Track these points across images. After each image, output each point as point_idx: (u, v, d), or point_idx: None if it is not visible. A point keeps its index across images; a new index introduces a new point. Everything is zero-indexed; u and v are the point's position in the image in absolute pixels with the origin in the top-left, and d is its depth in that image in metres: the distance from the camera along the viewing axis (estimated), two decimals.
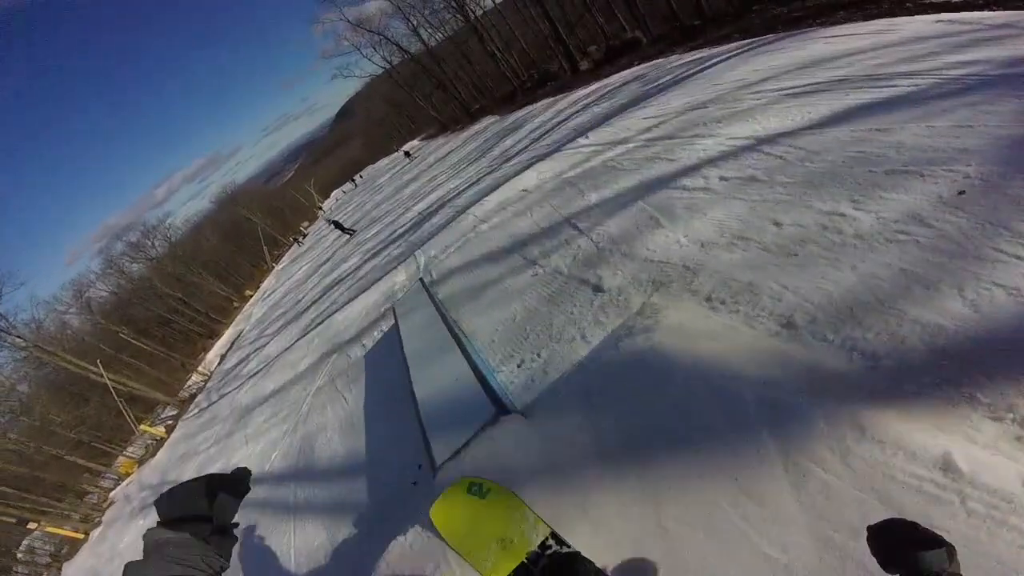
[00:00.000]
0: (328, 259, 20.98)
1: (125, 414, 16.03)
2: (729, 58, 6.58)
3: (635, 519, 1.91)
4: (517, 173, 8.16)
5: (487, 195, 8.34)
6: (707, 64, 6.95)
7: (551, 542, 1.81)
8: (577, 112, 9.82)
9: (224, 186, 54.60)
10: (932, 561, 0.80)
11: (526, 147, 10.49)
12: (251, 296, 34.02)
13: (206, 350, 27.56)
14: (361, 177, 56.07)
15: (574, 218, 4.65)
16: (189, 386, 21.78)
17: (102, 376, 17.17)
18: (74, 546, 12.14)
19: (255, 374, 12.24)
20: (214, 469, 7.33)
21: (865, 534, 0.93)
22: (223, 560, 0.94)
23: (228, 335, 27.82)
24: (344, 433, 4.55)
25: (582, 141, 7.04)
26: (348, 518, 3.45)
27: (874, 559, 0.90)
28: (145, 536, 0.88)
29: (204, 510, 0.93)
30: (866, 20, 5.85)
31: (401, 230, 13.40)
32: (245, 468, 1.05)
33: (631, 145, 5.48)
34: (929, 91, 3.41)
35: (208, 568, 0.88)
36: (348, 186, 56.70)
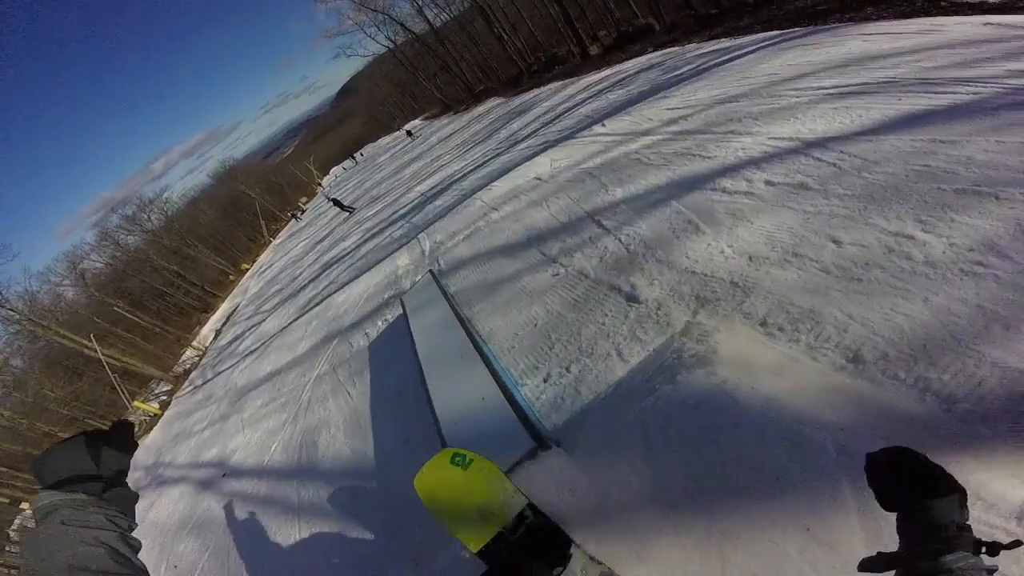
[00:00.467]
0: (326, 236, 20.59)
1: (119, 390, 15.76)
2: (756, 50, 6.22)
3: (697, 567, 1.72)
4: (528, 159, 7.86)
5: (495, 180, 8.05)
6: (731, 55, 6.60)
7: (528, 512, 1.86)
8: (590, 98, 9.46)
9: (223, 161, 53.92)
10: (943, 511, 0.67)
11: (535, 131, 10.14)
12: (247, 270, 33.58)
13: (201, 324, 27.22)
14: (362, 155, 55.22)
15: (598, 214, 4.34)
16: (183, 361, 21.47)
17: (96, 351, 16.85)
18: None
19: (251, 353, 12.00)
20: (210, 454, 7.15)
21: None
22: (129, 519, 0.86)
23: (224, 309, 27.47)
24: (350, 433, 4.28)
25: (598, 129, 6.73)
26: (358, 530, 3.21)
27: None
28: (33, 504, 0.77)
29: (90, 467, 0.83)
30: (899, 18, 5.55)
31: (403, 211, 13.07)
32: (126, 420, 0.99)
33: (656, 137, 5.14)
34: (993, 101, 3.09)
35: (116, 527, 0.80)
36: (348, 163, 55.86)
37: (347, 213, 20.94)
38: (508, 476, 1.99)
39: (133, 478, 9.95)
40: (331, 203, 22.33)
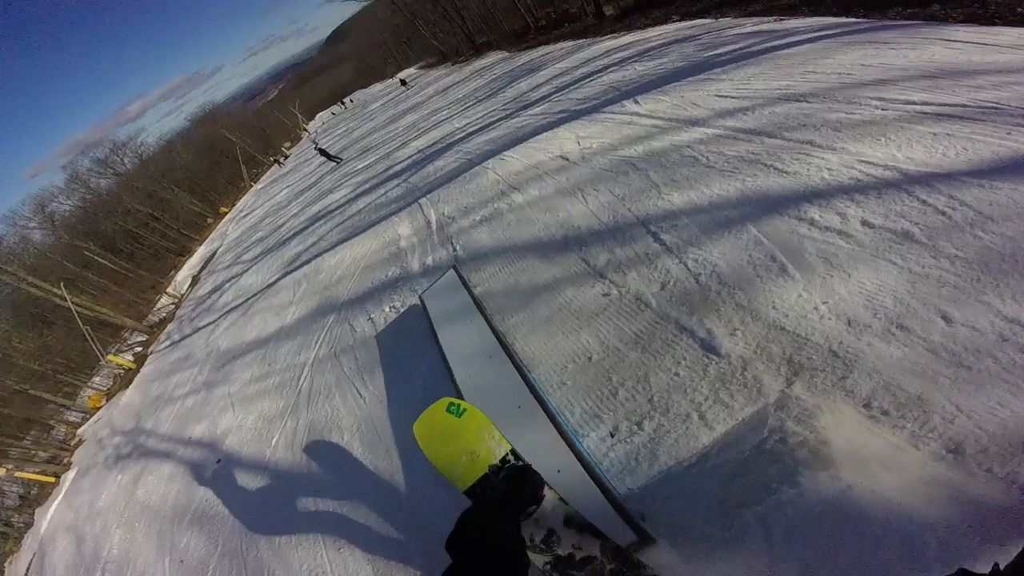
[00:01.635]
0: (312, 185, 19.57)
1: (91, 342, 15.00)
2: (813, 39, 5.51)
3: None
4: (546, 129, 7.19)
5: (508, 149, 7.40)
6: (782, 40, 5.91)
7: (510, 457, 2.12)
8: (611, 66, 8.70)
9: (202, 104, 50.96)
10: None
11: (548, 96, 9.39)
12: (226, 213, 32.17)
13: (177, 268, 26.08)
14: (352, 101, 52.53)
15: (652, 224, 3.72)
16: (158, 309, 20.58)
17: (65, 300, 15.95)
18: (44, 489, 11.28)
19: (232, 310, 11.34)
20: (197, 430, 6.58)
21: None
22: None
23: (200, 253, 26.35)
24: (368, 446, 3.71)
25: (631, 107, 6.09)
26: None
27: None
28: None
29: None
30: (972, 22, 4.98)
31: (398, 167, 12.30)
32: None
33: (710, 131, 4.47)
34: None
35: None
36: (337, 108, 53.38)
37: (334, 163, 19.95)
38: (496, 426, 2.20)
39: (113, 444, 9.44)
40: (317, 151, 21.18)
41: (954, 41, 4.43)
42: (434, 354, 3.71)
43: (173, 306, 19.55)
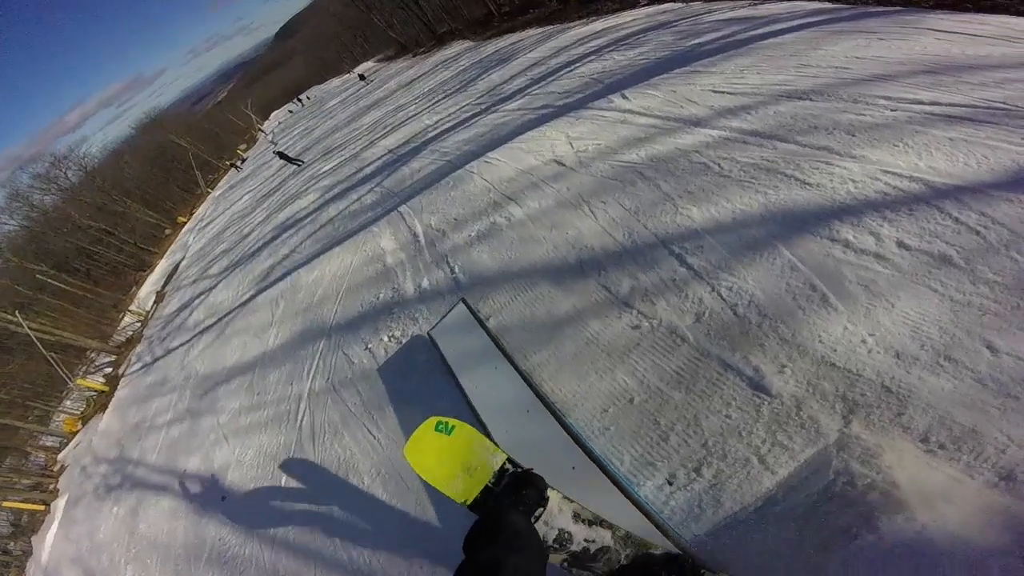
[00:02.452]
0: (275, 190, 18.73)
1: (56, 367, 14.18)
2: (798, 28, 5.34)
3: None
4: (530, 128, 6.86)
5: (492, 151, 7.07)
6: (764, 27, 5.70)
7: (508, 465, 2.11)
8: (588, 56, 8.41)
9: (147, 111, 48.37)
10: None
11: (525, 89, 9.04)
12: (185, 223, 30.75)
13: (138, 284, 24.87)
14: (308, 98, 50.70)
15: (675, 244, 3.44)
16: (123, 328, 19.56)
17: (22, 326, 15.02)
18: (35, 517, 10.58)
19: (206, 330, 10.74)
20: (191, 464, 6.12)
21: None
22: None
23: (162, 268, 25.10)
24: (393, 492, 3.34)
25: (621, 103, 5.82)
26: None
27: None
28: None
29: None
30: (940, 7, 4.92)
31: (368, 169, 11.79)
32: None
33: (716, 133, 4.23)
34: None
35: None
36: (293, 106, 51.49)
37: (296, 166, 19.23)
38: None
39: (100, 473, 8.83)
40: (276, 155, 20.35)
41: (941, 31, 4.34)
42: (453, 394, 3.41)
43: (139, 324, 18.56)
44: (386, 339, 4.82)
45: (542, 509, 1.92)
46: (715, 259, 3.19)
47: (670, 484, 2.34)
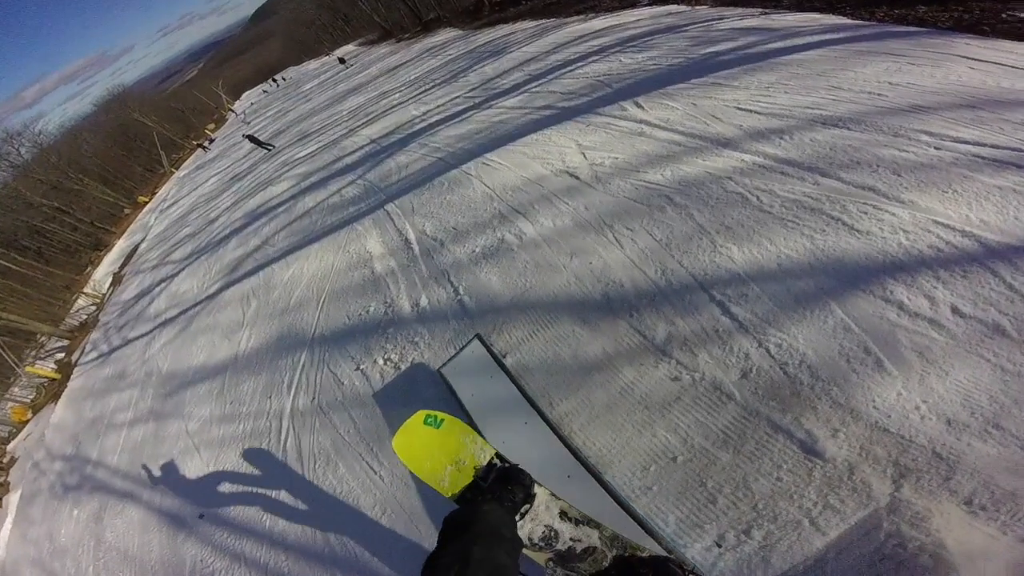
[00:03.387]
0: (246, 173, 17.71)
1: (4, 354, 13.10)
2: (819, 44, 5.05)
3: None
4: (534, 129, 6.42)
5: (491, 152, 6.60)
6: (786, 42, 5.39)
7: (496, 460, 2.04)
8: (591, 56, 8.00)
9: (110, 88, 45.71)
10: None
11: (523, 85, 8.55)
12: (146, 203, 29.13)
13: (94, 264, 23.46)
14: (284, 79, 48.82)
15: (716, 289, 3.10)
16: (77, 311, 18.30)
17: None
18: None
19: (169, 322, 9.93)
20: (159, 473, 5.54)
21: None
22: None
23: (120, 248, 23.64)
24: (403, 531, 2.98)
25: (635, 112, 5.43)
26: None
27: None
28: None
29: None
30: (958, 29, 4.70)
31: (349, 159, 11.13)
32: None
33: (747, 158, 3.89)
34: None
35: None
36: (268, 86, 49.48)
37: (265, 151, 18.31)
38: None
39: (55, 471, 7.81)
40: (245, 138, 19.31)
41: (973, 60, 4.12)
42: None
43: (94, 307, 17.42)
44: (381, 362, 4.34)
45: (528, 506, 1.89)
46: (761, 311, 2.88)
47: (719, 546, 2.21)
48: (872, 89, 4.16)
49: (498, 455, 2.08)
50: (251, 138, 18.13)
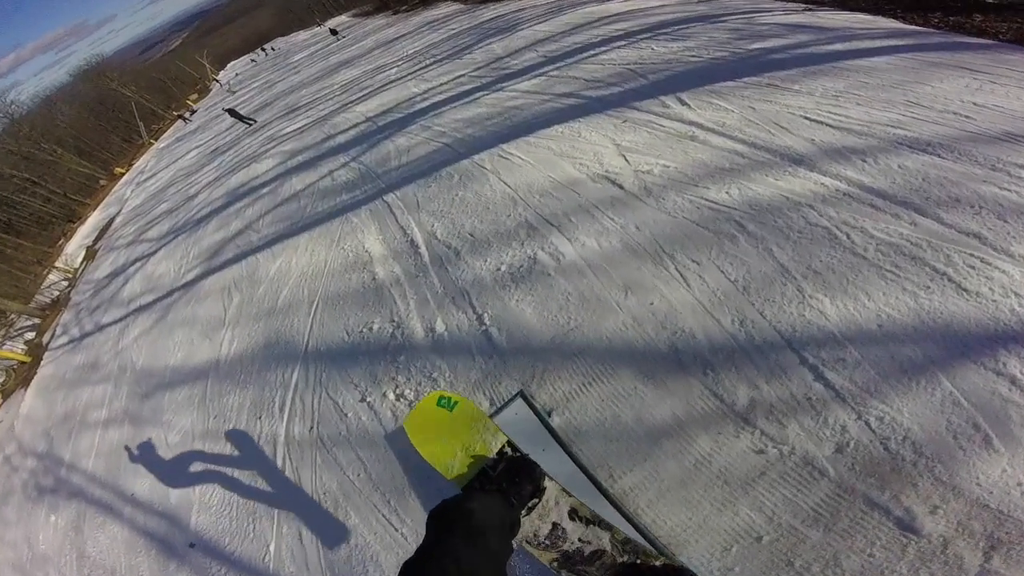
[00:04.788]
0: (228, 147, 16.54)
1: None
2: (884, 51, 4.50)
3: None
4: (558, 119, 5.66)
5: (508, 142, 5.82)
6: (845, 45, 4.76)
7: (507, 448, 2.05)
8: (616, 40, 7.19)
9: (87, 58, 43.35)
10: None
11: (538, 68, 7.68)
12: (123, 174, 27.70)
13: (67, 236, 22.31)
14: (273, 49, 46.69)
15: (808, 350, 2.54)
16: (48, 287, 17.22)
17: None
18: None
19: (143, 309, 9.06)
20: (140, 487, 4.98)
21: None
22: None
23: (94, 220, 22.34)
24: None
25: (680, 110, 4.67)
26: None
27: None
28: None
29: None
30: (1018, 41, 4.18)
31: (342, 138, 10.25)
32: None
33: (829, 182, 3.30)
34: None
35: None
36: (258, 55, 47.41)
37: (247, 125, 17.21)
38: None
39: (28, 468, 7.07)
40: (226, 112, 18.11)
41: None
42: None
43: (66, 283, 16.41)
44: (392, 396, 3.67)
45: (536, 500, 1.82)
46: (861, 380, 2.38)
47: None
48: (956, 109, 3.57)
49: (510, 443, 2.01)
50: (232, 111, 16.92)
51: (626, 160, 4.29)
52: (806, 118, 3.92)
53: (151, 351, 7.32)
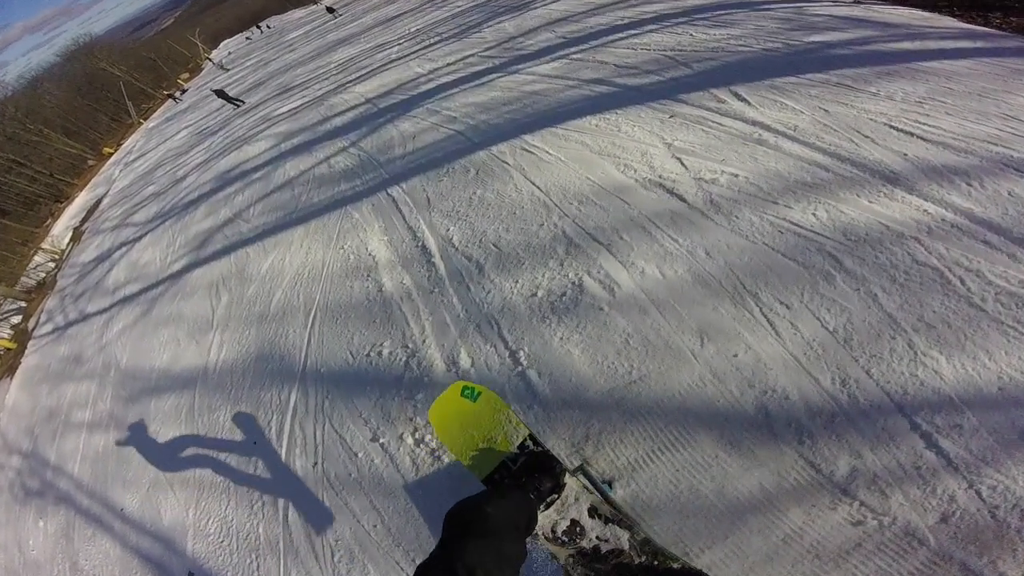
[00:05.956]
0: (219, 128, 15.48)
1: None
2: (961, 55, 3.92)
3: None
4: (589, 109, 4.94)
5: (531, 133, 5.08)
6: (913, 44, 4.22)
7: (528, 443, 1.96)
8: (646, 23, 6.39)
9: (76, 37, 41.71)
10: None
11: (558, 50, 6.87)
12: (111, 154, 26.64)
13: (54, 216, 21.43)
14: (269, 27, 44.93)
15: (919, 414, 2.09)
16: (35, 268, 16.44)
17: None
18: None
19: (128, 300, 8.31)
20: (129, 502, 4.48)
21: None
22: None
23: (82, 201, 21.44)
24: None
25: (739, 106, 3.96)
26: None
27: None
28: None
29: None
30: None
31: (339, 121, 9.45)
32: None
33: (933, 209, 2.74)
34: None
35: None
36: (253, 33, 45.60)
37: (235, 107, 16.26)
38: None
39: (14, 466, 6.58)
40: (214, 93, 17.11)
41: None
42: None
43: (52, 264, 15.70)
44: (410, 440, 3.07)
45: (556, 496, 1.78)
46: (978, 448, 2.00)
47: None
48: None
49: (531, 437, 1.94)
50: (219, 92, 15.91)
51: (682, 164, 3.62)
52: (891, 127, 3.32)
53: (136, 349, 6.72)
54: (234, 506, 3.67)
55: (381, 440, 3.20)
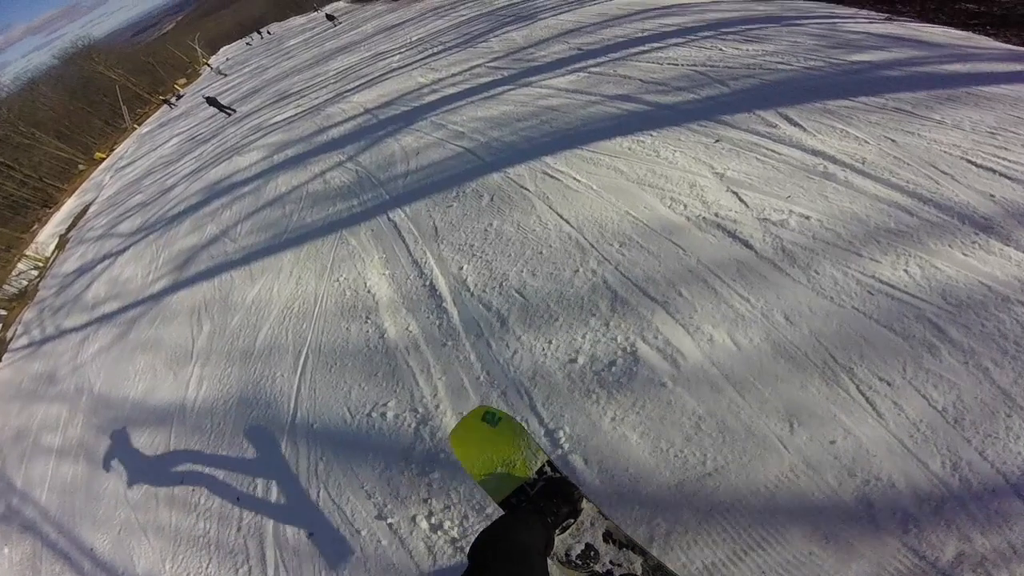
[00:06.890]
0: (211, 136, 14.93)
1: None
2: (1012, 77, 3.60)
3: None
4: (616, 129, 4.47)
5: (553, 155, 4.57)
6: (964, 66, 3.87)
7: (547, 468, 1.92)
8: (669, 36, 5.95)
9: (74, 40, 41.06)
10: None
11: (572, 61, 6.39)
12: (103, 159, 26.12)
13: (41, 222, 20.74)
14: (268, 33, 44.74)
15: None
16: (18, 275, 15.81)
17: None
18: None
19: (105, 319, 7.69)
20: (100, 544, 3.86)
21: None
22: None
23: (69, 207, 20.80)
24: None
25: (792, 132, 3.51)
26: None
27: None
28: None
29: None
30: None
31: (335, 132, 8.93)
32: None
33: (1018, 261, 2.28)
34: None
35: None
36: (252, 39, 45.39)
37: (227, 115, 15.72)
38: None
39: None
40: (206, 101, 16.58)
41: None
42: None
43: (35, 272, 15.01)
44: (425, 525, 2.54)
45: (572, 521, 1.77)
46: None
47: None
48: None
49: (549, 463, 1.93)
50: (211, 100, 15.41)
51: (740, 200, 3.13)
52: (969, 161, 2.92)
53: (111, 374, 6.18)
54: (216, 567, 3.17)
55: (389, 520, 2.68)
